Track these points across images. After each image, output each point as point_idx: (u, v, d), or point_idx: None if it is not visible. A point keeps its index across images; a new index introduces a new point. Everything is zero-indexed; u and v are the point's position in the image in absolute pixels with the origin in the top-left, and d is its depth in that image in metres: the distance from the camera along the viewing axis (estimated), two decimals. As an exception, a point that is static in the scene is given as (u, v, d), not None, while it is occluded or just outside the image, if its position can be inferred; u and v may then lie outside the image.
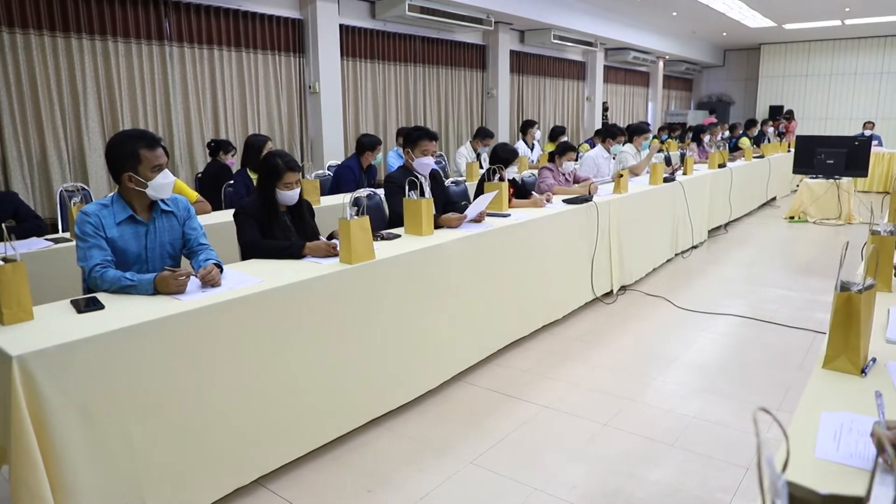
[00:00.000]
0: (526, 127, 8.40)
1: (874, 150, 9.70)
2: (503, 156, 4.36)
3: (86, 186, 5.00)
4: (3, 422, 1.85)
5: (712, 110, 16.93)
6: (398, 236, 3.38)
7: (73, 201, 3.66)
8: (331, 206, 4.54)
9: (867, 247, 2.10)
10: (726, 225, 7.80)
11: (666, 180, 5.88)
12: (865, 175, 8.44)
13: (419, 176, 3.84)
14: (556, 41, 10.90)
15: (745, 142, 10.37)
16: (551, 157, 5.39)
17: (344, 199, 2.92)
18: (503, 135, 10.39)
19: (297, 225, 3.18)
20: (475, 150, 7.16)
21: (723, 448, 2.77)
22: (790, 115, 14.25)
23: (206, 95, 6.75)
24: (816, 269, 5.92)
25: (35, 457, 1.80)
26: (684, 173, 6.56)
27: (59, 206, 4.56)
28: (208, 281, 2.42)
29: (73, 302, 2.24)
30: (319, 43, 7.44)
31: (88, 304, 2.20)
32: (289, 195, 3.08)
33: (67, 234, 3.74)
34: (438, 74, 9.63)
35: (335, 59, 7.71)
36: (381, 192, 4.53)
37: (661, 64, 15.88)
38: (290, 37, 7.43)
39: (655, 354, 3.89)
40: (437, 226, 3.55)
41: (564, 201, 4.49)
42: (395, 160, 6.58)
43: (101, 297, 2.29)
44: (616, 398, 3.28)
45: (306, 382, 2.63)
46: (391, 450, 2.82)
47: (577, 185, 5.22)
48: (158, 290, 2.33)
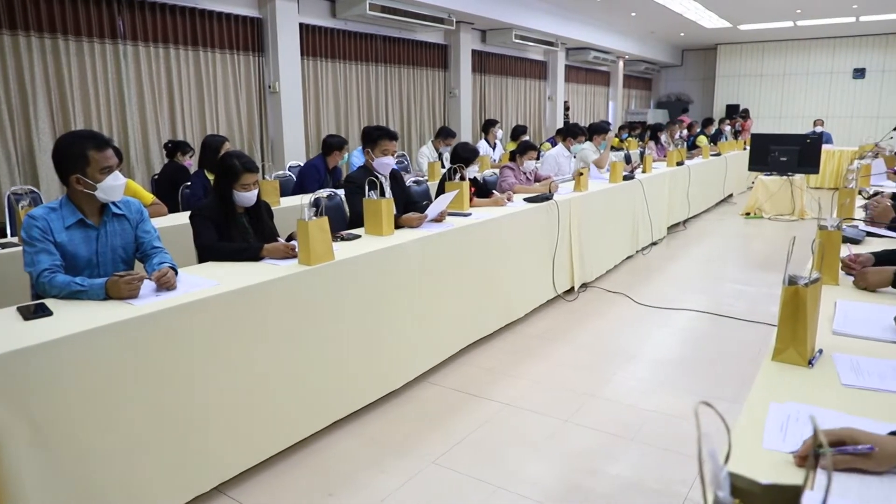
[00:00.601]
0: (488, 126, 8.44)
1: (825, 147, 10.00)
2: (464, 155, 4.36)
3: (35, 189, 4.84)
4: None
5: (684, 109, 17.21)
6: (358, 237, 3.36)
7: (20, 205, 3.54)
8: (292, 207, 4.49)
9: (815, 242, 2.16)
10: (685, 221, 7.96)
11: (625, 178, 5.97)
12: (817, 172, 8.70)
13: (379, 176, 3.83)
14: (517, 41, 10.97)
15: (702, 140, 10.58)
16: (512, 156, 5.43)
17: (302, 199, 2.89)
18: (465, 134, 10.41)
19: (255, 226, 3.14)
20: (437, 150, 7.16)
21: (681, 441, 2.82)
22: (746, 114, 14.61)
23: (163, 95, 6.60)
24: (771, 263, 6.07)
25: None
26: (643, 171, 6.67)
27: (7, 209, 4.41)
28: (163, 284, 2.36)
29: (20, 308, 2.16)
30: (279, 42, 7.35)
31: (36, 311, 2.13)
32: (246, 196, 3.03)
33: (15, 239, 3.61)
34: (400, 74, 9.60)
35: (295, 59, 7.62)
36: (341, 192, 4.50)
37: (620, 63, 16.12)
38: (248, 36, 7.32)
39: (616, 350, 3.95)
40: (398, 226, 3.54)
41: (525, 200, 4.52)
42: (358, 160, 6.52)
43: (50, 303, 2.23)
44: (577, 394, 3.31)
45: (265, 387, 2.59)
46: (353, 452, 2.80)
47: (538, 183, 5.26)
48: (110, 294, 2.27)
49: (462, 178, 4.16)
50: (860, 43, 15.40)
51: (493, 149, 8.19)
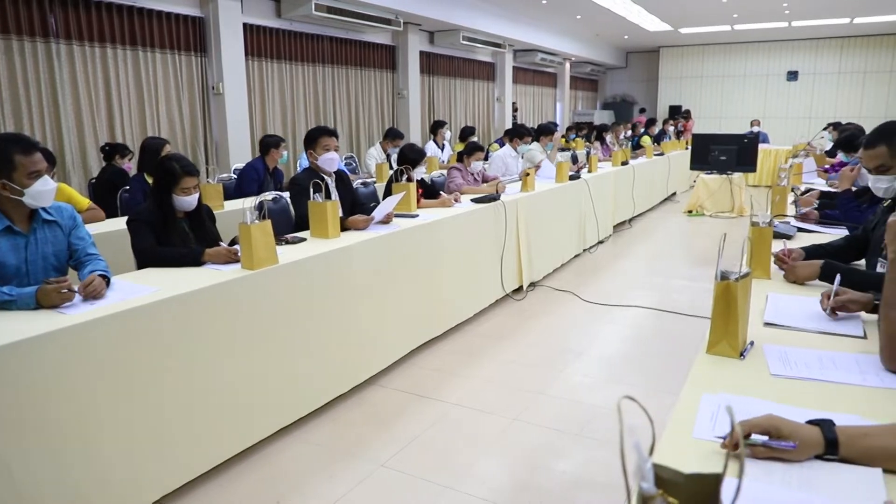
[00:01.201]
0: (436, 127, 8.45)
1: (761, 147, 10.38)
2: (411, 156, 4.37)
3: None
4: None
5: (642, 109, 17.57)
6: (303, 240, 3.31)
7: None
8: (237, 211, 4.40)
9: (748, 238, 2.24)
10: (630, 220, 8.14)
11: (572, 178, 6.06)
12: (754, 170, 9.02)
13: (325, 177, 3.79)
14: (465, 42, 11.03)
15: (646, 140, 10.86)
16: (460, 157, 5.45)
17: (244, 203, 2.83)
18: (414, 135, 10.41)
19: (197, 231, 3.06)
20: (385, 151, 7.13)
21: (628, 435, 2.87)
22: (688, 115, 15.05)
23: (100, 96, 6.38)
24: (713, 259, 6.25)
25: None
26: (589, 171, 6.79)
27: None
28: (89, 294, 2.27)
29: (-58, 321, 2.06)
30: (222, 42, 7.20)
31: (-41, 323, 2.03)
32: (186, 200, 2.96)
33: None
34: (348, 75, 9.53)
35: (240, 59, 7.48)
36: (287, 194, 4.44)
37: (567, 65, 16.38)
38: (190, 36, 7.14)
39: (564, 348, 4.01)
40: (344, 228, 3.51)
41: (473, 200, 4.55)
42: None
43: (-25, 314, 2.13)
44: (525, 392, 3.35)
45: (208, 395, 2.53)
46: (300, 458, 2.76)
47: (485, 184, 5.30)
48: (41, 303, 2.18)
49: (409, 180, 4.16)
50: (793, 47, 16.07)
51: (442, 150, 8.21)
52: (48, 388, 1.99)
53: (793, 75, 16.21)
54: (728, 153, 8.47)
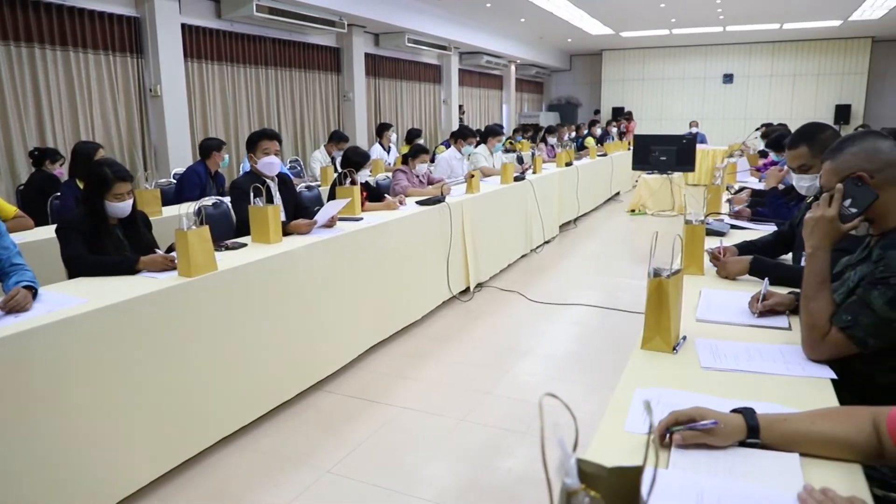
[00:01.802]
0: (381, 130, 8.43)
1: (700, 147, 10.71)
2: (354, 159, 4.34)
3: None
4: None
5: (596, 111, 17.82)
6: (244, 245, 3.25)
7: None
8: (175, 217, 4.27)
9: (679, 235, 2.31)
10: (575, 220, 8.28)
11: (516, 179, 6.13)
12: (693, 170, 9.30)
13: (267, 180, 3.73)
14: (410, 45, 11.02)
15: (590, 141, 11.07)
16: (405, 159, 5.44)
17: (181, 208, 2.76)
18: (360, 138, 10.34)
19: (131, 239, 2.97)
20: (330, 154, 7.07)
21: (571, 431, 2.91)
22: (629, 116, 15.42)
23: (28, 99, 6.10)
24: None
25: None
26: (534, 172, 6.88)
27: None
28: (12, 307, 2.17)
29: None
30: (159, 43, 6.99)
31: None
32: (120, 207, 2.87)
33: None
34: (292, 77, 9.39)
35: (178, 61, 7.28)
36: (228, 199, 4.35)
37: (512, 68, 16.56)
38: (125, 36, 6.91)
39: (510, 348, 4.04)
40: (287, 232, 3.46)
41: (418, 203, 4.55)
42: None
43: None
44: (472, 393, 3.37)
45: (144, 406, 2.45)
46: (244, 467, 2.71)
47: (430, 186, 5.30)
48: (-40, 317, 2.08)
49: (353, 183, 4.13)
50: (728, 51, 16.66)
51: (388, 152, 8.18)
52: (-31, 405, 1.90)
53: (728, 78, 16.80)
54: (668, 153, 8.71)
